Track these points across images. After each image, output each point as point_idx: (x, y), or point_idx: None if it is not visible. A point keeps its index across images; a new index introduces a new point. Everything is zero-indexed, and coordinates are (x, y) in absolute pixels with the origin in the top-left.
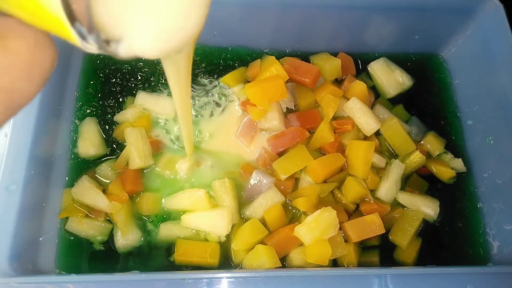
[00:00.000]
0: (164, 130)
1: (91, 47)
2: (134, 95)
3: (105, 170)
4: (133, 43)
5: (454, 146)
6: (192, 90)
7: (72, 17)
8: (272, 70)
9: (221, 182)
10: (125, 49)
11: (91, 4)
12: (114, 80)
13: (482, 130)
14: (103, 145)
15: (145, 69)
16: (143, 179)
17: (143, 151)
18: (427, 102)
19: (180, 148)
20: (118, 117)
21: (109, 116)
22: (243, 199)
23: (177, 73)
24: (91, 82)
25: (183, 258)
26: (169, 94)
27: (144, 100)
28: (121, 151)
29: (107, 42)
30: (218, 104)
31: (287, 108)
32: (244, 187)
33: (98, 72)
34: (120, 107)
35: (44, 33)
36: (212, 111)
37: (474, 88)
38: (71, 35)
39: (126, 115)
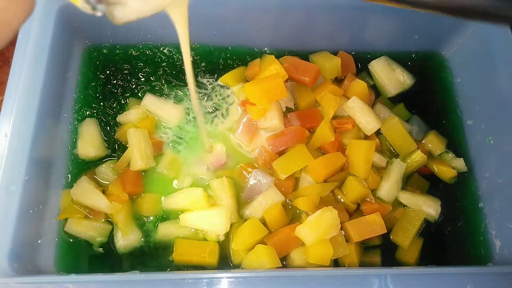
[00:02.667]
0: (167, 133)
1: (88, 7)
2: (136, 96)
3: (104, 171)
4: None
5: (456, 146)
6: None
7: None
8: (272, 69)
9: (220, 181)
10: (123, 12)
11: None
12: (114, 81)
13: (484, 130)
14: (103, 146)
15: (146, 69)
16: (143, 180)
17: (145, 152)
18: (428, 101)
19: (181, 149)
20: (121, 118)
21: (109, 117)
22: (242, 199)
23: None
24: (92, 84)
25: (182, 258)
26: (176, 101)
27: (150, 103)
28: (122, 152)
29: (108, 3)
30: (217, 104)
31: (286, 107)
32: (243, 187)
33: (98, 73)
34: (121, 108)
35: None
36: (211, 111)
37: (475, 87)
38: None
39: (129, 116)
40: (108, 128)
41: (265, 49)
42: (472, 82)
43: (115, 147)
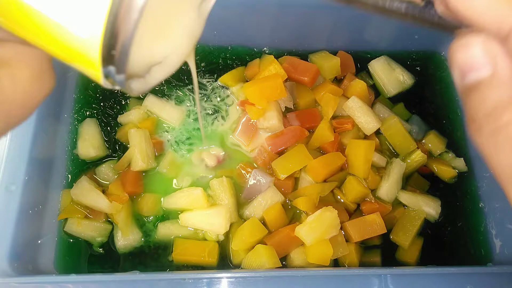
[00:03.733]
0: (168, 133)
1: (109, 84)
2: (137, 97)
3: (104, 171)
4: (152, 77)
5: (456, 145)
6: (191, 89)
7: (106, 61)
8: (271, 69)
9: (219, 180)
10: (139, 86)
11: (129, 51)
12: None
13: None
14: (103, 147)
15: None
16: (144, 180)
17: (147, 153)
18: (429, 101)
19: (181, 149)
20: (122, 118)
21: (109, 117)
22: (242, 199)
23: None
24: (92, 84)
25: (182, 257)
26: (177, 102)
27: (152, 103)
28: (123, 152)
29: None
30: (217, 106)
31: (286, 107)
32: (243, 187)
33: None
34: (121, 108)
35: (48, 60)
36: (211, 112)
37: None
38: (96, 74)
39: (130, 117)
40: (108, 128)
41: (265, 49)
42: None
43: (116, 147)
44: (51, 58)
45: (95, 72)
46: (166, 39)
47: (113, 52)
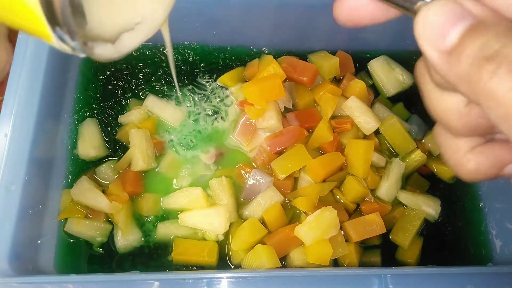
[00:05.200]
0: (168, 133)
1: (67, 48)
2: (137, 97)
3: (104, 171)
4: (123, 45)
5: None
6: (191, 89)
7: (53, 22)
8: (270, 69)
9: (219, 180)
10: (107, 52)
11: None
12: (115, 82)
13: None
14: (104, 147)
15: (146, 70)
16: (144, 180)
17: (147, 153)
18: None
19: (181, 149)
20: (122, 119)
21: (109, 118)
22: (241, 199)
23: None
24: (92, 84)
25: (181, 257)
26: (177, 103)
27: (152, 104)
28: (123, 152)
29: (85, 43)
30: (217, 107)
31: (285, 107)
32: (242, 187)
33: (98, 74)
34: (121, 109)
35: (1, 34)
36: (211, 113)
37: None
38: (48, 36)
39: (131, 117)
40: (108, 128)
41: (264, 49)
42: None
43: (116, 148)
44: (5, 34)
45: (44, 31)
46: (137, 4)
47: (56, 10)
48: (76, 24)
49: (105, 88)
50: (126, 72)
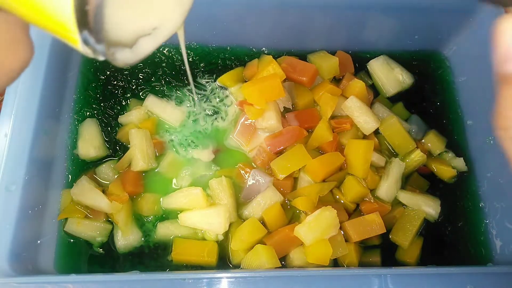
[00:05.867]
0: (168, 134)
1: (89, 52)
2: (137, 97)
3: (104, 171)
4: (141, 49)
5: (456, 145)
6: (191, 90)
7: (81, 23)
8: (269, 69)
9: (218, 180)
10: (125, 56)
11: (103, 11)
12: (115, 82)
13: (485, 129)
14: (104, 147)
15: (146, 70)
16: (144, 180)
17: (147, 153)
18: (428, 101)
19: (181, 150)
20: (122, 119)
21: (109, 118)
22: (241, 199)
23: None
24: (92, 84)
25: (181, 257)
26: (177, 103)
27: (152, 104)
28: (123, 152)
29: (108, 48)
30: (216, 107)
31: (284, 107)
32: (242, 187)
33: (98, 74)
34: (121, 109)
35: (23, 29)
36: (211, 113)
37: (476, 87)
38: (74, 38)
39: (131, 117)
40: (109, 128)
41: (263, 49)
42: (473, 82)
43: (116, 148)
44: (27, 28)
45: (72, 36)
46: (155, 10)
47: (86, 8)
48: (103, 29)
49: (105, 88)
50: (126, 72)
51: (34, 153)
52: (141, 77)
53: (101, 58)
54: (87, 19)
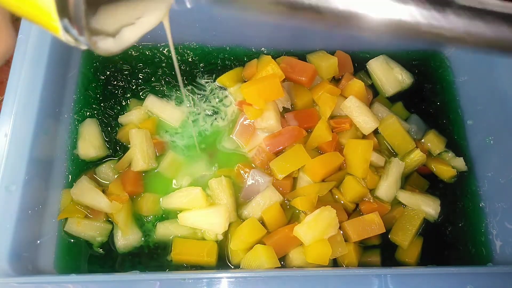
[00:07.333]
0: (168, 134)
1: (71, 40)
2: (137, 97)
3: (104, 171)
4: (124, 38)
5: (456, 145)
6: (190, 90)
7: (62, 10)
8: (268, 69)
9: (218, 180)
10: (108, 45)
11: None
12: (114, 82)
13: (485, 129)
14: (104, 147)
15: (146, 70)
16: (144, 180)
17: (147, 153)
18: (428, 101)
19: (181, 150)
20: (122, 119)
21: (109, 118)
22: (240, 199)
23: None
24: (92, 85)
25: (180, 257)
26: (177, 103)
27: (152, 104)
28: (123, 152)
29: (90, 37)
30: (216, 107)
31: (284, 107)
32: (241, 187)
33: (98, 74)
34: (121, 109)
35: (4, 18)
36: (211, 113)
37: (477, 87)
38: (54, 27)
39: (131, 117)
40: (109, 128)
41: (263, 49)
42: (474, 82)
43: (116, 148)
44: (9, 17)
45: (54, 24)
46: (139, 2)
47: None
48: (85, 19)
49: (105, 88)
50: (126, 72)
51: (34, 153)
52: (141, 77)
53: (83, 47)
54: (67, 7)
